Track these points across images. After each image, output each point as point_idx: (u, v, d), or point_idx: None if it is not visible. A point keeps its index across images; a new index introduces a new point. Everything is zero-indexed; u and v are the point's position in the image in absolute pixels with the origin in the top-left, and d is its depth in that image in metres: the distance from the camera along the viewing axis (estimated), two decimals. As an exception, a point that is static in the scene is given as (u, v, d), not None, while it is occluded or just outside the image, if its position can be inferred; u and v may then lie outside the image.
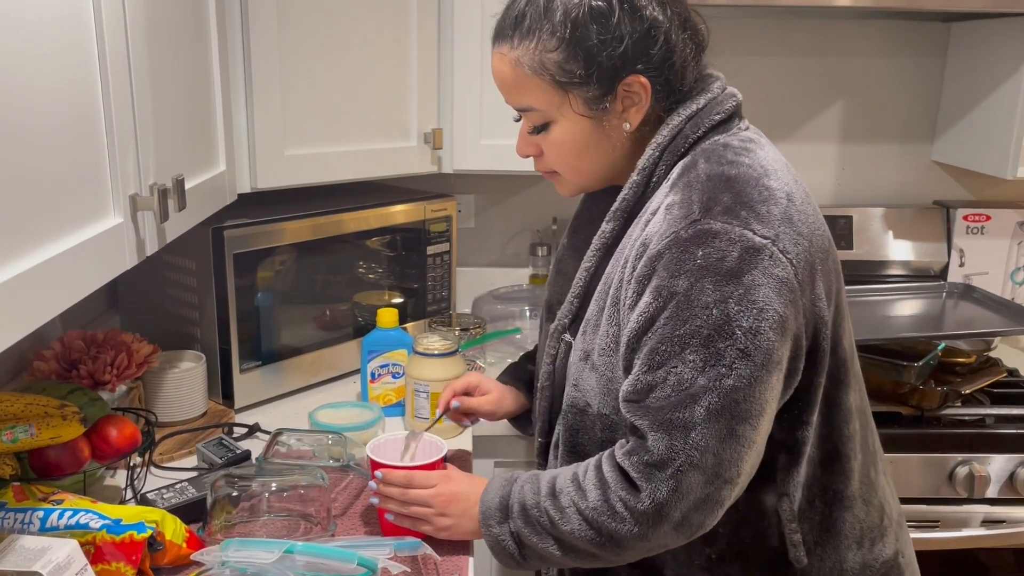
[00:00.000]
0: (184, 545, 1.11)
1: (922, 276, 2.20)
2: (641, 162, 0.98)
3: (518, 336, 1.99)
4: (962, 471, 1.66)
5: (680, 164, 0.97)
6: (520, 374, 1.34)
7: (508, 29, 0.99)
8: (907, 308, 2.06)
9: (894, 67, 2.21)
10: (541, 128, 1.02)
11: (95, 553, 1.03)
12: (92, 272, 0.90)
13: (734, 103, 1.01)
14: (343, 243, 1.78)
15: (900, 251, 2.20)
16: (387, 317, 1.65)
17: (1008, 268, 2.21)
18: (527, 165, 1.91)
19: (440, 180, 2.15)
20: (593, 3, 0.93)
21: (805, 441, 0.98)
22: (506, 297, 2.16)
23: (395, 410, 1.66)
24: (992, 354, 1.94)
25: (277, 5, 1.51)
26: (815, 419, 0.98)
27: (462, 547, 1.20)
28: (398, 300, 1.92)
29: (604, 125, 0.99)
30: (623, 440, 0.96)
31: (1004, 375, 1.84)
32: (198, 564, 1.03)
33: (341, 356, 1.83)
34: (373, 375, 1.65)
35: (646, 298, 0.91)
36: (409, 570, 1.05)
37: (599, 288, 1.03)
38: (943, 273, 2.20)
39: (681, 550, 1.01)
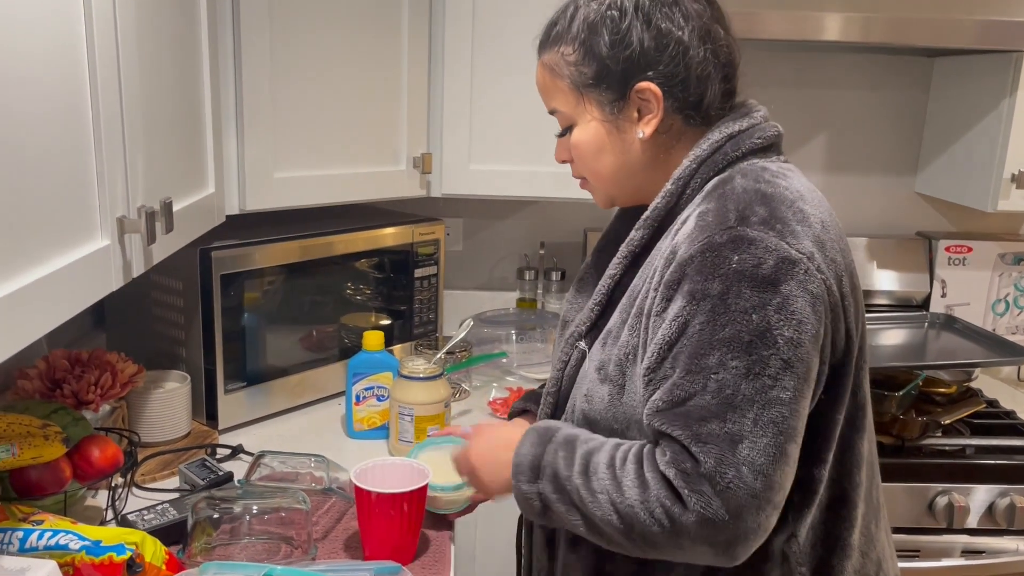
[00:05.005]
0: (164, 567, 1.11)
1: (905, 306, 2.22)
2: (677, 172, 0.99)
3: (504, 360, 1.99)
4: (942, 501, 1.67)
5: (715, 179, 0.97)
6: (534, 397, 1.28)
7: (544, 37, 1.06)
8: (890, 338, 2.08)
9: (878, 100, 2.24)
10: (567, 131, 1.06)
11: (74, 574, 1.02)
12: (77, 294, 0.91)
13: (775, 132, 1.02)
14: (331, 265, 1.78)
15: (883, 281, 2.22)
16: (373, 340, 1.66)
17: (989, 299, 2.24)
18: (515, 190, 1.96)
19: (429, 203, 2.16)
20: (608, 11, 0.98)
21: (821, 479, 0.95)
22: (492, 320, 2.17)
23: (379, 433, 1.66)
24: (972, 385, 1.96)
25: (270, 29, 1.53)
26: (831, 458, 0.96)
27: (442, 571, 1.21)
28: (385, 322, 1.93)
29: (620, 131, 1.01)
30: (661, 448, 0.89)
31: (983, 406, 1.85)
32: (177, 587, 1.03)
33: (327, 378, 1.83)
34: (358, 397, 1.65)
35: (678, 303, 0.89)
36: (388, 595, 1.05)
37: (624, 299, 1.01)
38: (925, 303, 2.23)
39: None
